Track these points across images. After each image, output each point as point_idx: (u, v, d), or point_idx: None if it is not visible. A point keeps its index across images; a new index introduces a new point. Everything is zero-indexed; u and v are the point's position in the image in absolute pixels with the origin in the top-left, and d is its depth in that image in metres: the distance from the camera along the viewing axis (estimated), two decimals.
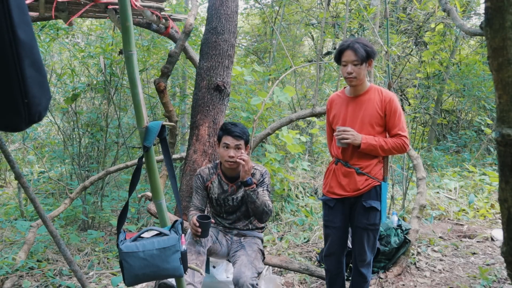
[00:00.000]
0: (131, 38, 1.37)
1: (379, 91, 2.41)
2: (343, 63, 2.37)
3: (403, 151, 2.40)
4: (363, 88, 2.43)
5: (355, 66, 2.33)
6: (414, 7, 8.62)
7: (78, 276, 2.70)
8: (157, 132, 1.42)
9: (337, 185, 2.49)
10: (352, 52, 2.33)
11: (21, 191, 5.01)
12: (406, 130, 2.39)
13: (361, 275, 2.50)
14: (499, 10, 0.98)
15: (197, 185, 2.61)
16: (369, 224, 2.41)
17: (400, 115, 2.37)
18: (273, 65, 7.94)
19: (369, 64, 2.38)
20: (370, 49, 2.35)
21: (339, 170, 2.48)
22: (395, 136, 2.37)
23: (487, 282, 3.12)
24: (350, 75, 2.34)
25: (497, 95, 1.06)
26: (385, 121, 2.39)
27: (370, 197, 2.41)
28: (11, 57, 0.87)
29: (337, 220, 2.51)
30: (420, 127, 9.67)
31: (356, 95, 2.44)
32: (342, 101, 2.50)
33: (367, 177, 2.41)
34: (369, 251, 2.46)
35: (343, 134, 2.33)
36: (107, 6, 2.97)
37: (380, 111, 2.37)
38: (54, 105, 6.14)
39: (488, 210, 5.00)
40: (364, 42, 2.37)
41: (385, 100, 2.37)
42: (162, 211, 1.55)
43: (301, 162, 5.68)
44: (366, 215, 2.41)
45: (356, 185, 2.41)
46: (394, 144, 2.35)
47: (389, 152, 2.37)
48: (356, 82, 2.37)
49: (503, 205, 1.14)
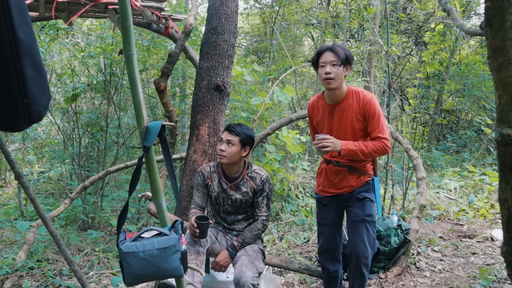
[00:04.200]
0: (131, 38, 1.37)
1: (357, 94, 2.37)
2: (321, 64, 2.33)
3: (384, 154, 2.39)
4: (342, 93, 2.39)
5: (333, 66, 2.28)
6: (414, 7, 8.62)
7: (78, 276, 2.70)
8: (157, 132, 1.43)
9: (329, 183, 2.51)
10: (331, 52, 2.29)
11: (21, 191, 5.01)
12: (387, 131, 2.37)
13: (360, 274, 2.49)
14: (499, 10, 0.98)
15: (198, 183, 2.62)
16: (365, 215, 2.43)
17: (379, 117, 2.35)
18: (273, 65, 7.94)
19: (346, 69, 2.34)
20: (349, 53, 2.33)
21: (330, 169, 2.50)
22: (376, 139, 2.34)
23: (487, 282, 3.12)
24: (328, 75, 2.28)
25: (497, 95, 1.06)
26: (365, 124, 2.37)
27: (363, 190, 2.45)
28: (11, 57, 0.87)
29: (330, 217, 2.54)
30: (420, 127, 9.67)
31: (336, 101, 2.41)
32: (324, 109, 2.48)
33: (359, 173, 2.44)
34: (369, 245, 2.45)
35: (323, 142, 2.29)
36: (107, 6, 2.97)
37: (360, 115, 2.36)
38: (54, 105, 6.13)
39: (488, 210, 5.00)
40: (343, 46, 2.35)
41: (363, 103, 2.34)
42: (162, 211, 1.55)
43: (301, 162, 5.68)
44: (361, 206, 2.43)
45: (349, 182, 2.45)
46: (375, 147, 2.32)
47: (370, 155, 2.35)
48: (334, 84, 2.31)
49: (503, 205, 1.14)
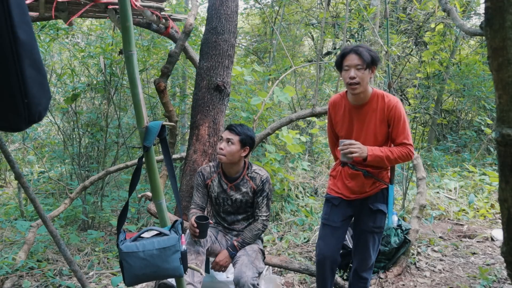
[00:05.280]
0: (131, 38, 1.37)
1: (382, 97, 2.27)
2: (345, 67, 2.20)
3: (408, 160, 2.30)
4: (366, 96, 2.27)
5: (358, 70, 2.16)
6: (414, 7, 8.62)
7: (78, 276, 2.70)
8: (157, 132, 1.43)
9: (343, 186, 2.43)
10: (356, 55, 2.16)
11: (21, 191, 5.01)
12: (411, 137, 2.29)
13: (362, 278, 2.48)
14: (499, 10, 0.98)
15: (198, 183, 2.61)
16: (375, 227, 2.38)
17: (404, 122, 2.26)
18: (273, 65, 7.94)
19: (372, 71, 2.22)
20: (374, 55, 2.20)
21: (346, 172, 2.41)
22: (401, 145, 2.25)
23: (487, 282, 3.12)
24: (352, 80, 2.17)
25: (497, 95, 1.05)
26: (389, 129, 2.28)
27: (377, 200, 2.37)
28: (11, 57, 0.87)
29: (338, 220, 2.43)
30: (420, 127, 9.67)
31: (360, 104, 2.30)
32: (345, 109, 2.37)
33: (374, 179, 2.35)
34: (373, 254, 2.44)
35: (350, 147, 2.18)
36: (107, 6, 2.97)
37: (384, 119, 2.26)
38: (54, 105, 6.13)
39: (488, 210, 5.00)
40: (368, 47, 2.23)
41: (388, 108, 2.24)
42: (162, 211, 1.55)
43: (301, 162, 5.68)
44: (373, 218, 2.37)
45: (364, 187, 2.36)
46: (400, 154, 2.23)
47: (395, 161, 2.26)
48: (359, 89, 2.20)
49: (503, 205, 1.14)
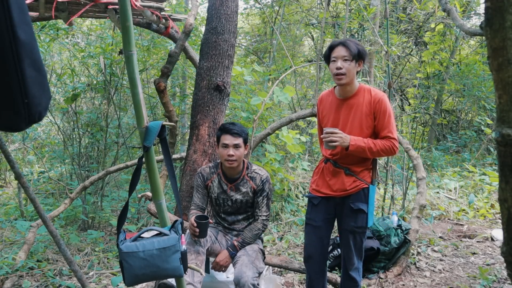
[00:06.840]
0: (131, 38, 1.37)
1: (369, 91, 2.32)
2: (332, 59, 2.28)
3: (391, 154, 2.33)
4: (353, 89, 2.34)
5: (345, 62, 2.23)
6: (414, 7, 8.62)
7: (78, 276, 2.70)
8: (157, 132, 1.42)
9: (324, 183, 2.44)
10: (344, 47, 2.24)
11: (21, 191, 5.01)
12: (396, 132, 2.32)
13: (351, 279, 2.46)
14: (499, 10, 0.98)
15: (197, 184, 2.61)
16: (356, 227, 2.37)
17: (389, 116, 2.30)
18: (273, 65, 7.93)
19: (359, 64, 2.29)
20: (362, 48, 2.27)
21: (327, 169, 2.44)
22: (385, 138, 2.29)
23: (487, 282, 3.12)
24: (339, 71, 2.24)
25: (497, 95, 1.05)
26: (375, 122, 2.31)
27: (358, 199, 2.36)
28: (11, 57, 0.87)
29: (319, 219, 2.45)
30: (420, 127, 9.67)
31: (346, 97, 2.36)
32: (332, 103, 2.43)
33: (355, 178, 2.36)
34: (356, 254, 2.41)
35: (331, 136, 2.24)
36: (107, 6, 2.97)
37: (370, 112, 2.30)
38: (54, 105, 6.13)
39: (488, 210, 5.00)
40: (356, 41, 2.30)
41: (374, 101, 2.29)
42: (162, 211, 1.55)
43: (301, 162, 5.69)
44: (354, 218, 2.37)
45: (344, 185, 2.36)
46: (384, 146, 2.26)
47: (378, 154, 2.29)
48: (345, 80, 2.26)
49: (503, 205, 1.14)
